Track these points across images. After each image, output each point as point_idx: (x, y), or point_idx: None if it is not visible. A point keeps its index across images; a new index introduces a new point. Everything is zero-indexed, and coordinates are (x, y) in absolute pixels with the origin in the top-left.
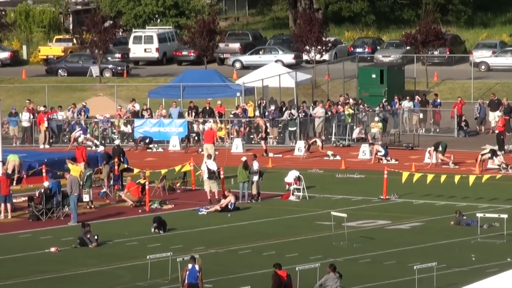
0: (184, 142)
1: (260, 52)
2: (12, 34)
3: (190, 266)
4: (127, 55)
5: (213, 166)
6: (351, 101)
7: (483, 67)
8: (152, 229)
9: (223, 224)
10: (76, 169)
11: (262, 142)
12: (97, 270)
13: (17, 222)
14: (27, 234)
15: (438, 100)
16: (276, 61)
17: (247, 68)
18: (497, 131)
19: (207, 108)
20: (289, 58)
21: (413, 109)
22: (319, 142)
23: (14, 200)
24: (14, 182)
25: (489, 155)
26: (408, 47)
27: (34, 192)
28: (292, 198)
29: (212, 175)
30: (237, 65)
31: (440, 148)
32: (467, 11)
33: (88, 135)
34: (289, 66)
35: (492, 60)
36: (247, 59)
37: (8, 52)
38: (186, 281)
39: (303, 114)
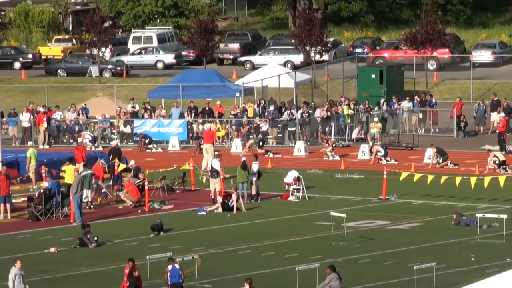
0: (196, 144)
1: (142, 52)
2: (11, 33)
3: (170, 267)
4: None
5: (217, 166)
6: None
7: (247, 65)
8: (152, 235)
9: (223, 224)
10: (70, 169)
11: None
12: (97, 270)
13: (17, 222)
14: (26, 234)
15: (434, 100)
16: (157, 61)
17: (131, 68)
18: (497, 132)
19: (207, 108)
20: (169, 58)
21: (413, 109)
22: (328, 149)
23: (14, 201)
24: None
25: (498, 162)
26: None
27: (34, 193)
28: (291, 198)
29: (214, 174)
30: None
31: (441, 161)
32: (466, 11)
33: (93, 147)
34: (170, 66)
35: (257, 59)
36: (129, 59)
37: None
38: (169, 282)
39: (307, 114)
